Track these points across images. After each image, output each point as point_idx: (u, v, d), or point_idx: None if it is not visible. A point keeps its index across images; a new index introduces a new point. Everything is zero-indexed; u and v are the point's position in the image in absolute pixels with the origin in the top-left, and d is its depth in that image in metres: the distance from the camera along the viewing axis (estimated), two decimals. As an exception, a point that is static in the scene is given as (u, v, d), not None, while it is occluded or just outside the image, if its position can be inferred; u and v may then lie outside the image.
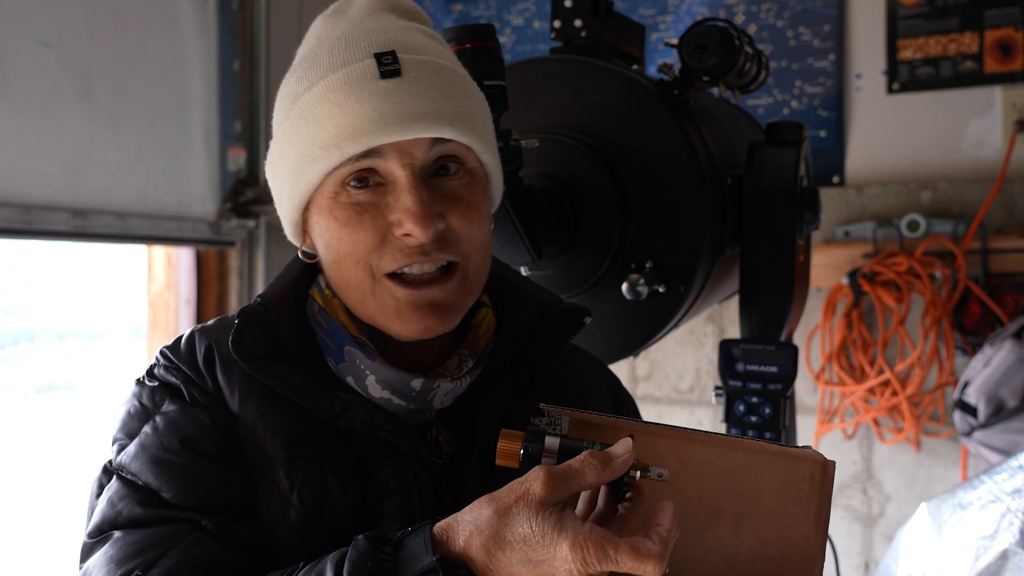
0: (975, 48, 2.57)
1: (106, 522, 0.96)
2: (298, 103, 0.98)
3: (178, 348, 1.04)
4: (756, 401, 1.52)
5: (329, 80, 0.96)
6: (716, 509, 0.93)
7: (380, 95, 0.95)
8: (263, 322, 1.02)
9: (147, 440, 0.99)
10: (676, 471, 0.95)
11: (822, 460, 0.90)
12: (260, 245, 3.08)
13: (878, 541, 2.67)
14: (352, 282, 1.00)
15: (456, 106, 0.98)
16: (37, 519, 3.05)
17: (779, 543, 0.90)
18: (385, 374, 1.01)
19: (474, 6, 3.19)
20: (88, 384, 3.48)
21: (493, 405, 1.04)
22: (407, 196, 0.95)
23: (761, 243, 1.54)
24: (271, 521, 0.97)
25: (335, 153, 0.95)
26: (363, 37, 0.98)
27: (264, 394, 1.00)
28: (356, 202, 0.97)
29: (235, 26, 3.06)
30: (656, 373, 2.94)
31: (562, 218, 1.44)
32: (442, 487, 1.01)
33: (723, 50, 1.46)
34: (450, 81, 0.99)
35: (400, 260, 0.97)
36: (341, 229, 0.98)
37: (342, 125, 0.95)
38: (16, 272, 3.23)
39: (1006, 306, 2.42)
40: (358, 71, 0.96)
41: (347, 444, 1.01)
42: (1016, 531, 1.59)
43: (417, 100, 0.95)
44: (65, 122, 2.52)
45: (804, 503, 0.90)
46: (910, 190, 2.62)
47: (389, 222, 0.97)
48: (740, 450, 0.93)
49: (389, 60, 0.96)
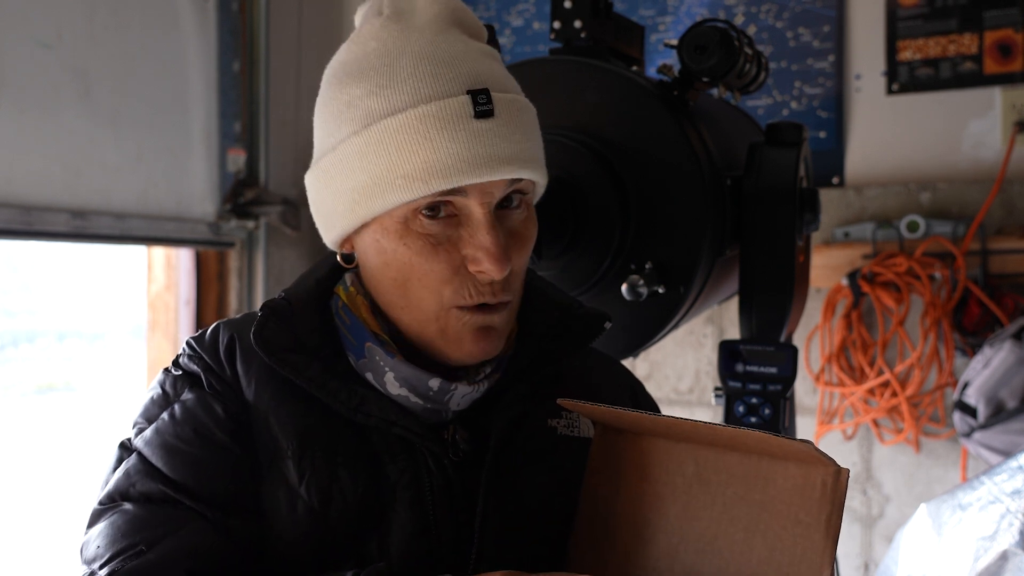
0: (975, 49, 2.57)
1: (119, 492, 0.98)
2: (378, 125, 0.96)
3: (203, 338, 1.07)
4: (756, 402, 1.52)
5: (420, 111, 0.95)
6: (729, 516, 0.92)
7: (473, 136, 0.95)
8: (285, 316, 1.03)
9: (163, 426, 1.00)
10: (692, 477, 0.95)
11: (835, 467, 0.88)
12: (260, 246, 3.08)
13: (878, 542, 2.67)
14: (417, 305, 1.01)
15: (535, 147, 1.01)
16: (37, 520, 3.05)
17: (788, 551, 0.89)
18: (404, 371, 1.01)
19: (474, 7, 3.19)
20: (88, 385, 3.48)
21: (508, 405, 1.05)
22: (485, 235, 0.96)
23: (761, 244, 1.54)
24: (277, 513, 0.98)
25: (421, 187, 0.95)
26: (449, 65, 0.97)
27: (280, 386, 1.01)
28: (430, 233, 0.98)
29: (235, 27, 3.06)
30: (656, 374, 2.94)
31: (562, 219, 1.44)
32: (455, 485, 1.01)
33: (723, 51, 1.46)
34: (530, 121, 1.02)
35: (473, 298, 0.99)
36: (413, 257, 0.98)
37: (432, 161, 0.94)
38: (16, 273, 3.23)
39: (1006, 307, 2.42)
40: (453, 108, 0.95)
41: (361, 439, 1.01)
42: (1016, 532, 1.58)
43: (506, 143, 0.96)
44: (65, 123, 2.52)
45: (815, 511, 0.88)
46: (910, 191, 2.62)
47: (462, 255, 0.98)
48: (755, 455, 0.92)
49: (484, 100, 0.95)
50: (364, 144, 0.97)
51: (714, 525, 0.93)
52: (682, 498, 0.95)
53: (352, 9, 2.69)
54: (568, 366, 1.14)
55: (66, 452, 3.20)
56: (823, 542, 0.88)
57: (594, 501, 1.03)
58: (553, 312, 1.13)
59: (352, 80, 1.00)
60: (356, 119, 0.98)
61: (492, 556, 1.00)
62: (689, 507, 0.94)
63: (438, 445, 1.01)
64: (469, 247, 0.97)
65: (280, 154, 3.14)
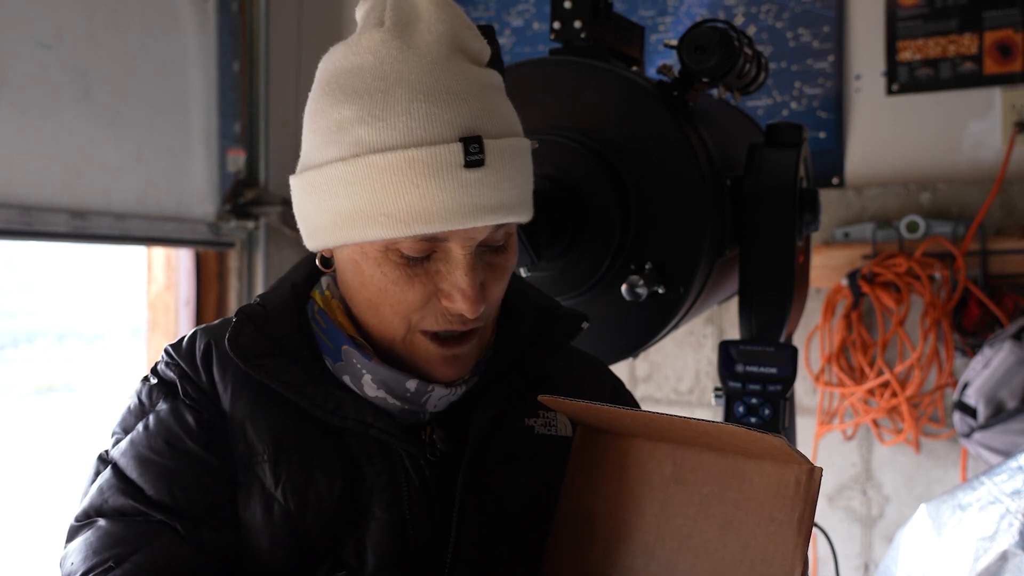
0: (974, 49, 2.57)
1: (92, 508, 0.99)
2: (367, 158, 0.94)
3: (180, 345, 1.07)
4: (756, 402, 1.52)
5: (411, 155, 0.92)
6: (705, 515, 0.93)
7: (461, 185, 0.93)
8: (261, 321, 1.03)
9: (137, 438, 1.01)
10: (669, 476, 0.96)
11: (809, 466, 0.89)
12: (259, 246, 3.08)
13: (878, 542, 2.67)
14: (386, 326, 1.01)
15: (524, 193, 1.00)
16: (36, 520, 3.05)
17: (761, 549, 0.90)
18: (381, 374, 1.02)
19: (473, 7, 3.19)
20: (88, 385, 3.48)
21: (486, 406, 1.05)
22: (463, 277, 0.96)
23: (761, 244, 1.54)
24: (253, 519, 0.98)
25: (403, 228, 0.94)
26: (445, 105, 0.94)
27: (256, 391, 1.02)
28: (407, 264, 0.98)
29: (235, 27, 3.06)
30: (656, 374, 2.94)
31: (562, 219, 1.44)
32: (432, 486, 1.01)
33: (723, 51, 1.46)
34: (522, 165, 1.00)
35: (441, 325, 0.99)
36: (389, 285, 0.98)
37: (417, 207, 0.93)
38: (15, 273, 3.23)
39: (1005, 307, 2.42)
40: (443, 155, 0.93)
41: (339, 442, 1.01)
42: (1016, 532, 1.58)
43: (493, 192, 0.95)
44: (65, 123, 2.52)
45: (787, 509, 0.90)
46: (909, 191, 2.62)
47: (437, 287, 0.98)
48: (731, 454, 0.93)
49: (476, 149, 0.94)
50: (351, 174, 0.95)
51: (690, 523, 0.94)
52: (660, 497, 0.96)
53: (352, 9, 2.69)
54: (552, 366, 1.14)
55: (66, 453, 3.20)
56: (795, 539, 0.89)
57: (573, 500, 1.03)
58: (532, 314, 1.13)
59: (346, 99, 0.96)
60: (345, 144, 0.96)
61: (469, 557, 1.00)
62: (667, 506, 0.96)
63: (415, 446, 1.01)
64: (446, 283, 0.97)
65: (280, 154, 3.14)
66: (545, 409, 1.11)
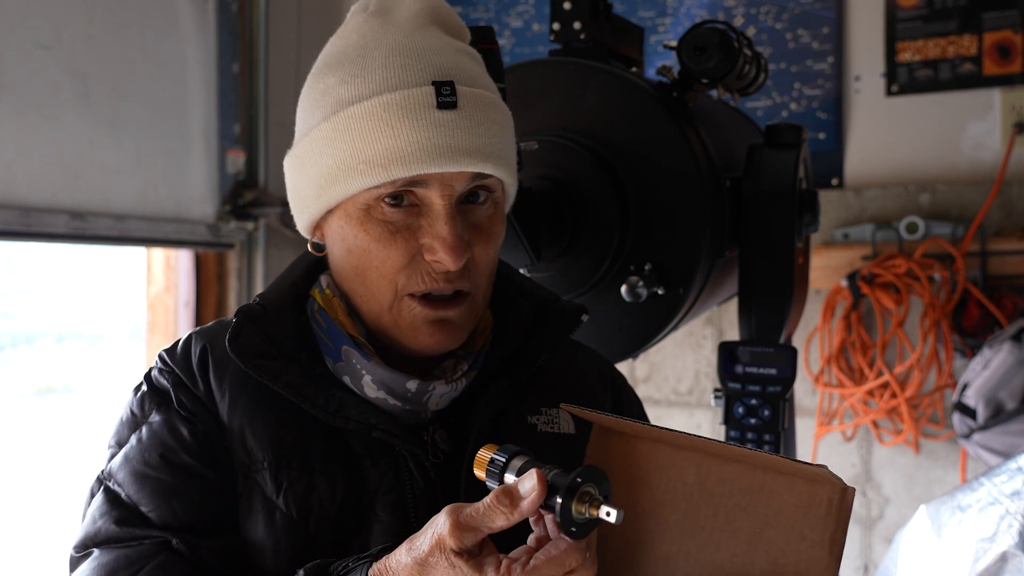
0: (974, 50, 2.57)
1: (88, 537, 0.98)
2: (345, 112, 0.98)
3: (175, 351, 1.06)
4: (755, 403, 1.52)
5: (384, 99, 0.96)
6: (732, 528, 0.91)
7: (435, 125, 0.96)
8: (260, 321, 1.03)
9: (131, 452, 1.00)
10: (693, 485, 0.93)
11: (841, 485, 0.87)
12: (259, 247, 3.08)
13: (877, 543, 2.67)
14: (373, 293, 1.02)
15: (500, 143, 1.01)
16: (36, 522, 3.05)
17: (792, 568, 0.87)
18: (381, 374, 1.01)
19: (473, 8, 3.19)
20: (87, 387, 3.47)
21: (488, 403, 1.05)
22: (443, 225, 0.97)
23: (760, 245, 1.54)
24: (255, 527, 0.97)
25: (382, 173, 0.96)
26: (419, 58, 0.99)
27: (254, 395, 1.01)
28: (390, 220, 0.99)
29: (234, 28, 3.06)
30: (655, 375, 2.94)
31: (561, 220, 1.44)
32: (436, 486, 1.01)
33: (722, 52, 1.46)
34: (497, 118, 1.02)
35: (427, 284, 1.00)
36: (372, 243, 0.99)
37: (393, 148, 0.96)
38: (15, 274, 3.23)
39: (1005, 308, 2.42)
40: (416, 97, 0.96)
41: (340, 444, 1.01)
42: (1015, 533, 1.58)
43: (469, 135, 0.97)
44: (64, 124, 2.52)
45: (819, 528, 0.87)
46: (909, 192, 2.62)
47: (420, 244, 0.99)
48: (759, 468, 0.90)
49: (448, 91, 0.97)
50: (332, 130, 0.99)
51: (716, 536, 0.91)
52: (682, 506, 0.94)
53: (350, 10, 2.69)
54: (552, 361, 1.14)
55: (65, 454, 3.20)
56: (828, 560, 0.86)
57: None
58: (530, 307, 1.13)
59: (329, 70, 1.02)
60: (327, 106, 1.00)
61: None
62: (690, 516, 0.93)
63: (418, 447, 1.01)
64: (427, 236, 0.98)
65: (279, 155, 3.08)
66: (547, 406, 1.11)
